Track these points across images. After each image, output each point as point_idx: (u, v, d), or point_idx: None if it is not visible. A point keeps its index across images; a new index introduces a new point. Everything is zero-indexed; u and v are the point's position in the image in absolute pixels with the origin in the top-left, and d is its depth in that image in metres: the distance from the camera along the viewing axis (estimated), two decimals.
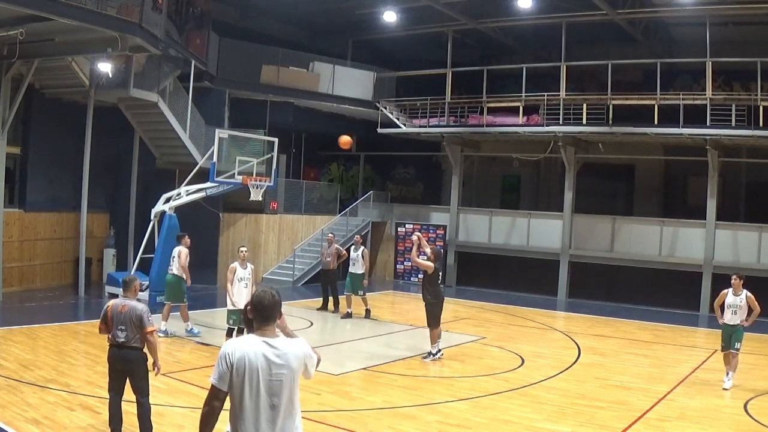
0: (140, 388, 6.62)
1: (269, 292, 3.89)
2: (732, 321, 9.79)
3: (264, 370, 3.71)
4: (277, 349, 3.78)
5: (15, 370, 9.00)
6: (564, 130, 18.92)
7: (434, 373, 10.44)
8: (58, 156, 16.99)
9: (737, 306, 9.78)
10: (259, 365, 3.71)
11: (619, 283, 19.38)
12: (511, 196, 24.41)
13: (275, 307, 3.85)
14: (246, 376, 3.70)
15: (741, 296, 9.79)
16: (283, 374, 3.75)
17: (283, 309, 4.10)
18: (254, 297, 3.88)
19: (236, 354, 3.73)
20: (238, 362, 3.71)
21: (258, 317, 3.84)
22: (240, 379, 3.70)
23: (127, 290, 6.77)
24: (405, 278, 22.52)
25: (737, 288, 9.85)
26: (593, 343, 13.26)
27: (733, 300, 9.85)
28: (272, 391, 3.73)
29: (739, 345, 9.80)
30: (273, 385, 3.73)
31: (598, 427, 7.87)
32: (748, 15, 17.07)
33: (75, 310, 14.91)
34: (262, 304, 3.83)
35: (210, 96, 19.33)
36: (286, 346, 3.83)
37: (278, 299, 3.89)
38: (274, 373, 3.73)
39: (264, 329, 3.83)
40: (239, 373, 3.70)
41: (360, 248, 15.27)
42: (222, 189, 16.60)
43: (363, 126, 23.14)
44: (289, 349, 3.82)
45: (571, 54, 19.69)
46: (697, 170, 18.55)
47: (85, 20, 12.25)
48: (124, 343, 6.51)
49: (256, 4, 20.28)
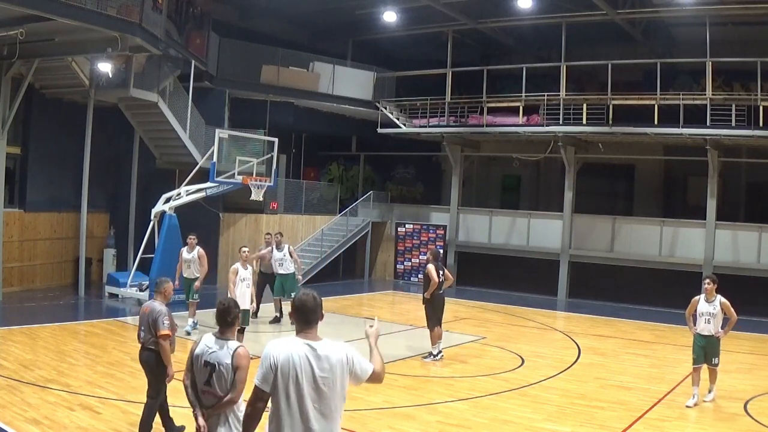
0: (150, 387, 6.67)
1: (311, 294, 3.86)
2: (705, 331, 8.71)
3: (308, 373, 3.66)
4: (321, 352, 3.72)
5: (15, 370, 9.01)
6: (564, 130, 18.91)
7: (434, 373, 10.44)
8: (58, 156, 16.99)
9: (711, 314, 8.67)
10: (303, 368, 3.66)
11: (619, 283, 19.38)
12: (511, 196, 24.40)
13: (317, 310, 3.83)
14: (290, 379, 3.65)
15: (714, 303, 8.69)
16: (327, 378, 3.69)
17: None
18: (296, 300, 3.85)
19: (281, 356, 3.68)
20: (282, 364, 3.66)
21: (301, 319, 3.81)
22: (284, 382, 3.65)
23: (156, 292, 6.83)
24: (405, 278, 22.51)
25: (710, 293, 8.72)
26: (593, 343, 13.26)
27: (705, 307, 8.73)
28: (316, 396, 3.68)
29: (717, 360, 8.81)
30: (317, 389, 3.67)
31: (598, 427, 7.87)
32: (748, 15, 17.06)
33: (75, 310, 14.91)
34: (306, 306, 3.79)
35: (210, 96, 19.32)
36: (329, 349, 3.76)
37: (320, 301, 3.87)
38: (318, 377, 3.67)
39: (307, 332, 3.79)
40: (284, 375, 3.65)
41: (284, 246, 13.86)
42: (222, 189, 16.62)
43: (363, 126, 23.15)
44: (332, 352, 3.76)
45: (571, 54, 19.68)
46: (697, 170, 18.55)
47: (85, 20, 12.26)
48: (143, 343, 6.63)
49: (256, 4, 20.26)
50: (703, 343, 8.76)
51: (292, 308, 3.88)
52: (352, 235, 21.96)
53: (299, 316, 3.82)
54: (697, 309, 8.84)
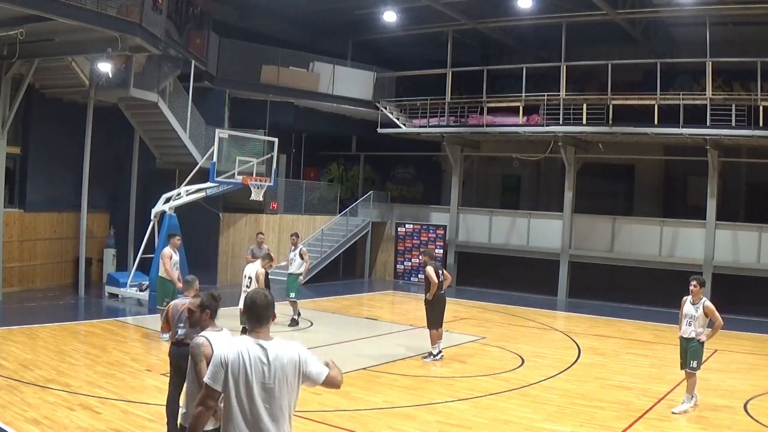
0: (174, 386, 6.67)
1: (262, 293, 3.83)
2: (686, 333, 8.54)
3: (258, 372, 3.63)
4: (272, 351, 3.68)
5: (15, 370, 9.00)
6: (564, 130, 18.92)
7: (434, 373, 10.44)
8: (58, 156, 16.98)
9: (692, 316, 8.49)
10: (253, 368, 3.63)
11: (619, 283, 19.38)
12: (511, 196, 24.40)
13: (269, 308, 3.78)
14: (240, 378, 3.62)
15: (698, 305, 8.46)
16: (277, 378, 3.65)
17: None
18: (247, 298, 3.81)
19: (231, 354, 3.65)
20: (232, 362, 3.63)
21: (252, 318, 3.76)
22: (234, 380, 3.62)
23: (188, 289, 7.01)
24: (405, 278, 22.52)
25: (695, 296, 8.53)
26: (593, 343, 13.27)
27: (688, 309, 8.56)
28: (266, 395, 3.64)
29: (696, 364, 8.47)
30: (267, 389, 3.64)
31: (598, 427, 7.87)
32: (748, 15, 17.06)
33: (75, 310, 14.91)
34: (256, 304, 3.75)
35: (210, 96, 19.32)
36: (280, 348, 3.72)
37: (271, 299, 3.82)
38: (267, 377, 3.64)
39: (258, 331, 3.74)
40: (234, 374, 3.62)
41: (298, 247, 14.19)
42: (222, 189, 16.61)
43: (363, 126, 23.15)
44: (283, 351, 3.72)
45: (571, 54, 19.69)
46: (697, 170, 18.55)
47: (85, 20, 12.26)
48: (182, 339, 6.60)
49: (256, 4, 20.27)
50: (684, 345, 8.59)
51: (243, 307, 3.84)
52: (352, 235, 21.97)
53: (250, 315, 3.76)
54: (683, 310, 8.66)
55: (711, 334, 8.53)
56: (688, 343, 8.53)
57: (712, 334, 8.53)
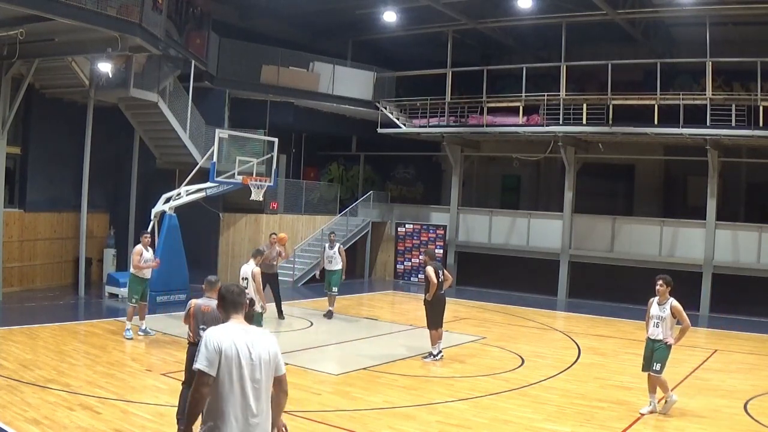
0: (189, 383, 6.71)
1: (234, 284, 4.32)
2: (653, 335, 8.25)
3: (245, 355, 3.91)
4: (255, 336, 4.04)
5: (15, 370, 9.00)
6: (564, 130, 18.92)
7: (434, 373, 10.43)
8: (58, 156, 16.98)
9: (660, 317, 8.20)
10: (242, 351, 3.91)
11: (619, 283, 19.36)
12: (511, 196, 24.40)
13: (242, 295, 4.20)
14: (233, 362, 3.86)
15: (665, 306, 8.19)
16: (261, 358, 3.96)
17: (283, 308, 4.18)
18: (222, 289, 4.21)
19: (224, 340, 3.90)
20: (226, 348, 3.87)
21: (229, 306, 4.14)
22: (228, 364, 3.85)
23: (210, 290, 7.04)
24: (405, 278, 22.52)
25: (662, 296, 8.24)
26: (593, 343, 13.27)
27: (655, 310, 8.28)
28: (254, 375, 3.92)
29: (659, 367, 8.17)
30: (254, 369, 3.93)
31: (598, 427, 7.87)
32: (748, 15, 17.06)
33: (75, 310, 14.91)
34: (232, 293, 4.16)
35: (210, 96, 19.33)
36: (261, 335, 4.10)
37: (243, 288, 4.31)
38: (254, 357, 3.94)
39: (237, 317, 4.11)
40: (227, 359, 3.86)
41: (336, 245, 15.33)
42: (222, 189, 16.61)
43: (363, 126, 23.15)
44: (264, 338, 4.08)
45: (571, 54, 19.69)
46: (697, 170, 18.55)
47: (85, 20, 12.25)
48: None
49: (256, 4, 20.27)
50: (650, 347, 8.30)
51: (219, 298, 4.19)
52: (352, 235, 21.96)
53: (227, 303, 4.13)
54: (649, 311, 8.40)
55: (679, 337, 8.27)
56: (654, 344, 8.28)
57: (681, 336, 8.27)
